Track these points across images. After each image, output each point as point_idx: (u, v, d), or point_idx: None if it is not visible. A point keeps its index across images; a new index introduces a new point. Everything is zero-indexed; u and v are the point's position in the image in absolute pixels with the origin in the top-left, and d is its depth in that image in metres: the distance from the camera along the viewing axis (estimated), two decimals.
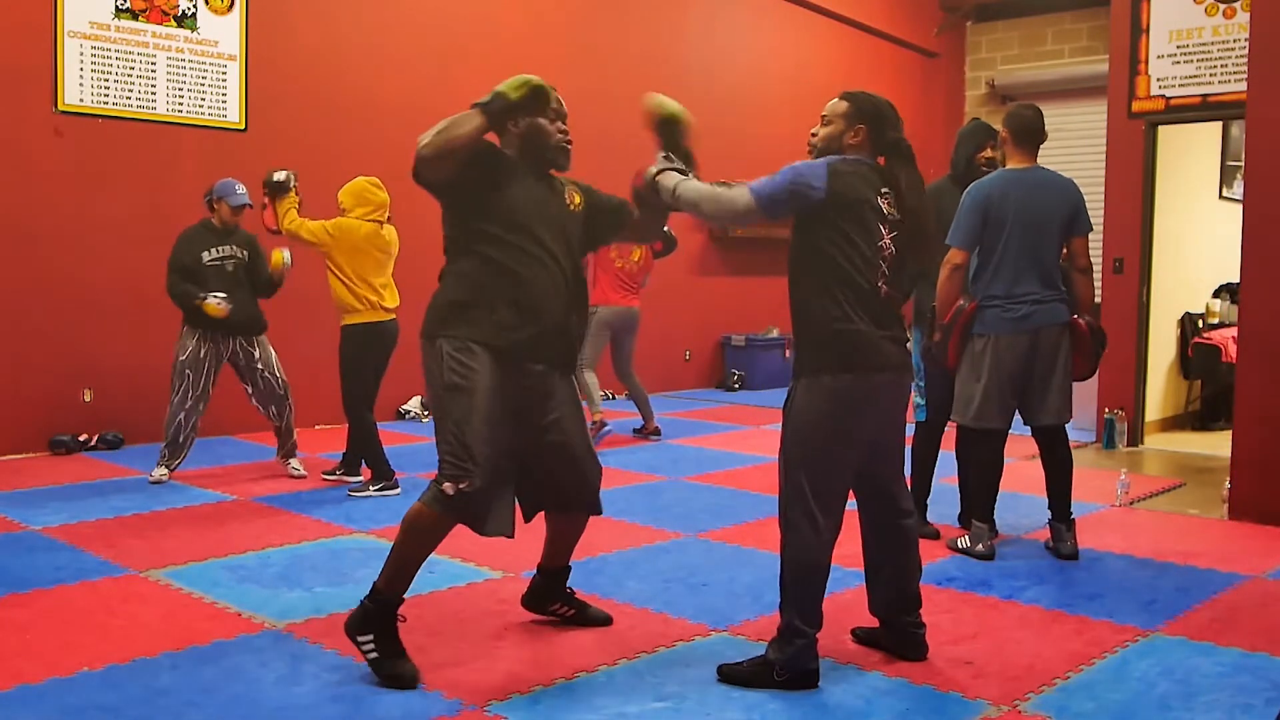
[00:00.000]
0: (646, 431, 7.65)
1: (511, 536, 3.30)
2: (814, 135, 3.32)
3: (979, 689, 3.11)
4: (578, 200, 3.49)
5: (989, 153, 4.83)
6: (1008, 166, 4.55)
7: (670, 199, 3.35)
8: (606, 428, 7.29)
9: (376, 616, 3.14)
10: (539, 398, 3.27)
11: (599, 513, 3.56)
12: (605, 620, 3.66)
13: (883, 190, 3.13)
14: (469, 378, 3.10)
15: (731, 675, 3.12)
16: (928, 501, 4.98)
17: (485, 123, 3.11)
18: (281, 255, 5.92)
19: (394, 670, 3.08)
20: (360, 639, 3.14)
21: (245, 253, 5.92)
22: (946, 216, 4.66)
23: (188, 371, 5.80)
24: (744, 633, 3.56)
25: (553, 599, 3.66)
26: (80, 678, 3.11)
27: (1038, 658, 3.37)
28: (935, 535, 4.84)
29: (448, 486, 3.08)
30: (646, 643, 3.45)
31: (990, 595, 4.01)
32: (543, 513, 3.55)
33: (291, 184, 5.65)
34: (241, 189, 5.93)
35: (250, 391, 5.99)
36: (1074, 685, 3.16)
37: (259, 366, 5.92)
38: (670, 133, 3.63)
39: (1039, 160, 4.54)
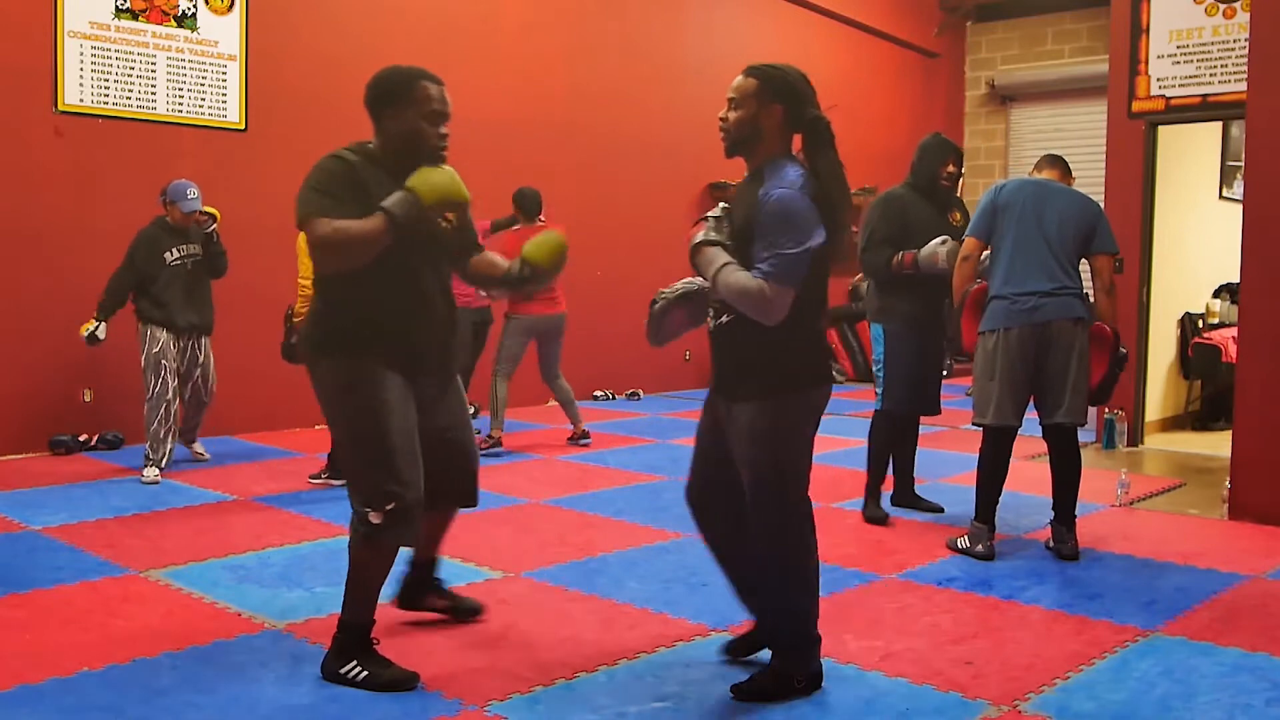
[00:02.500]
0: (575, 436, 7.29)
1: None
2: (724, 120, 3.02)
3: (979, 689, 3.11)
4: (450, 216, 3.31)
5: (951, 168, 5.06)
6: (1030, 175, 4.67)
7: (709, 282, 2.95)
8: (498, 446, 6.92)
9: (352, 645, 3.10)
10: (433, 400, 3.24)
11: (475, 504, 3.48)
12: (477, 609, 3.61)
13: None
14: (379, 396, 3.03)
15: (751, 692, 3.00)
16: (880, 489, 5.18)
17: (389, 234, 2.98)
18: (211, 211, 6.11)
19: (390, 677, 3.05)
20: (342, 670, 3.07)
21: (200, 249, 6.08)
22: (917, 228, 4.95)
23: (163, 362, 5.94)
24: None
25: (426, 591, 3.59)
26: (80, 678, 3.11)
27: (1038, 658, 3.37)
28: (883, 520, 5.06)
29: (373, 516, 3.01)
30: (646, 643, 3.45)
31: (990, 595, 4.01)
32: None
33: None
34: (194, 193, 6.06)
35: (184, 391, 6.15)
36: (1074, 685, 3.16)
37: (197, 371, 6.13)
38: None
39: None
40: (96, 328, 5.95)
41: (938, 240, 4.82)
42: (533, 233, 6.68)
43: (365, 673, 3.05)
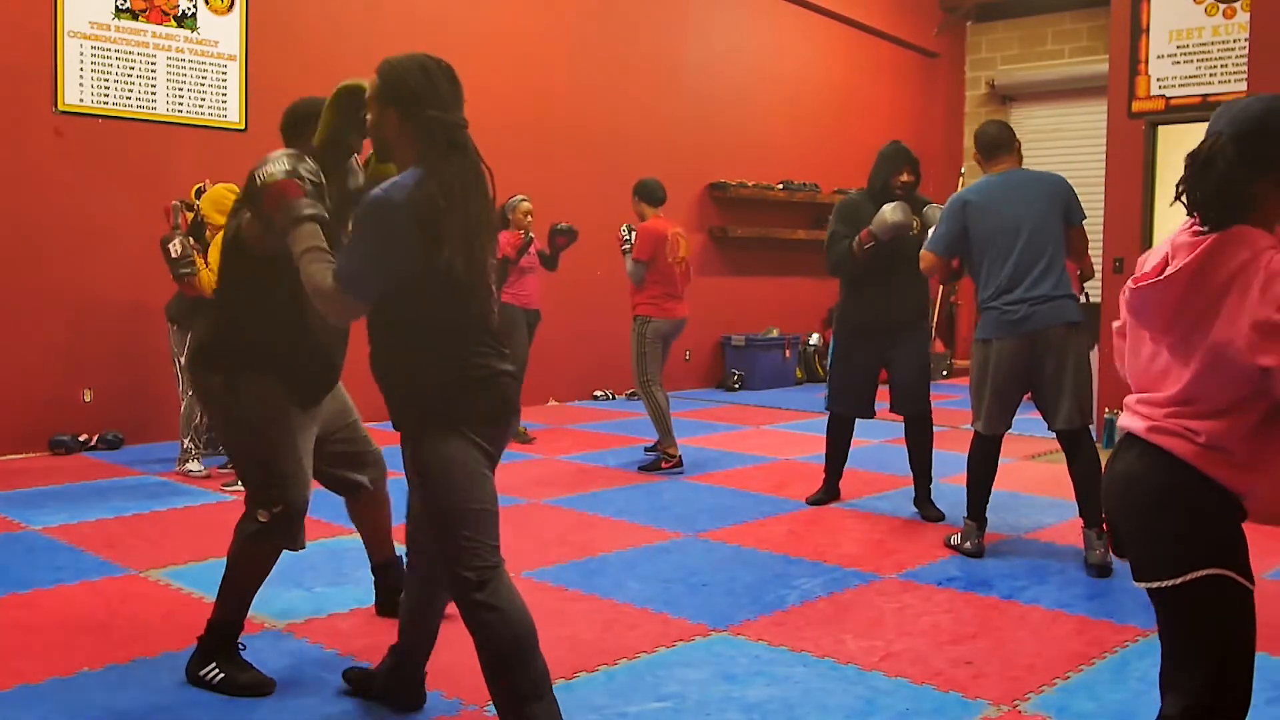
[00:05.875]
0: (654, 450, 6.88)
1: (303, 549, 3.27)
2: None
3: (979, 689, 3.11)
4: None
5: (905, 177, 5.16)
6: (987, 174, 4.57)
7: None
8: (679, 466, 6.44)
9: (215, 647, 3.08)
10: (328, 411, 3.28)
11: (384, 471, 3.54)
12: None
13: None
14: (263, 409, 3.05)
15: None
16: (833, 479, 5.54)
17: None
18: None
19: (245, 681, 3.03)
20: (202, 672, 3.05)
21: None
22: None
23: None
24: (744, 633, 3.56)
25: (397, 592, 3.51)
26: (80, 678, 3.11)
27: (1038, 658, 3.37)
28: (820, 503, 5.42)
29: (261, 514, 3.08)
30: (646, 643, 3.45)
31: (990, 595, 4.01)
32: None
33: (182, 261, 5.77)
34: None
35: None
36: (1074, 685, 3.16)
37: None
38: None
39: (1040, 164, 4.56)
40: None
41: (886, 208, 5.00)
42: (658, 225, 6.55)
43: (222, 675, 3.04)
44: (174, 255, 5.75)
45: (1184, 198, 2.01)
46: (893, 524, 5.11)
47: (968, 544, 4.51)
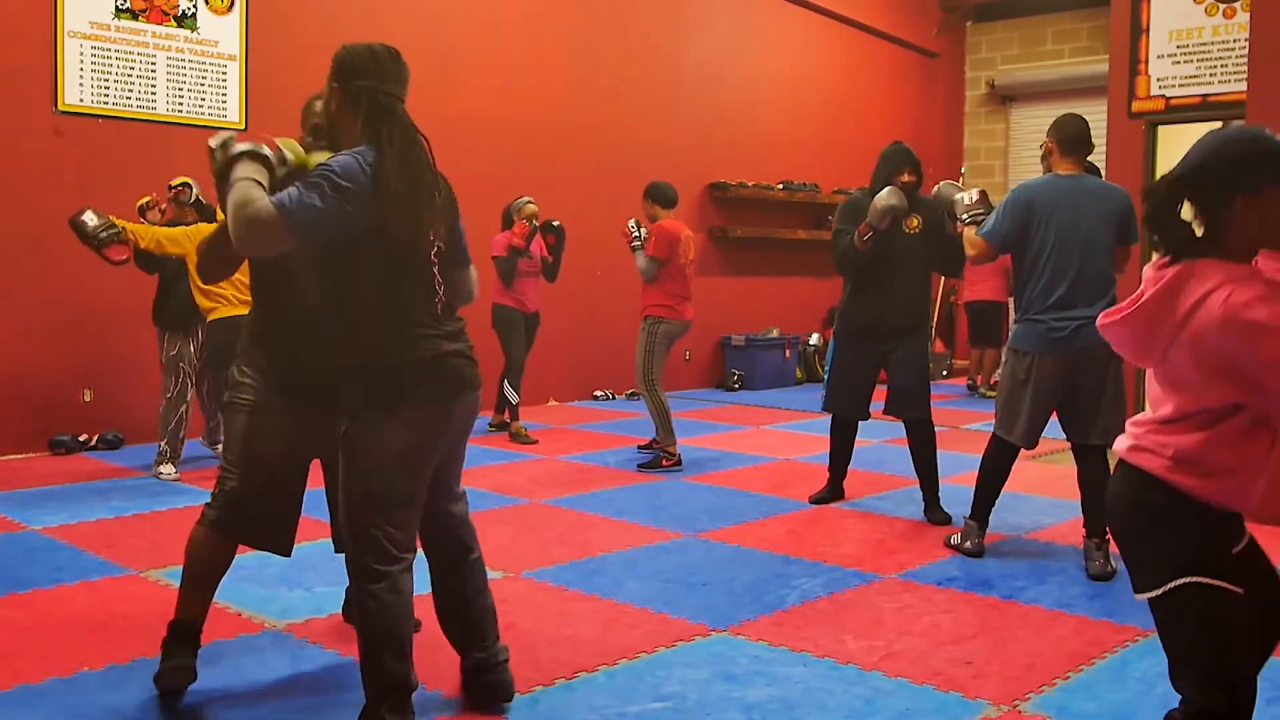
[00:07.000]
0: (648, 446, 7.01)
1: (288, 555, 3.16)
2: None
3: (979, 689, 3.11)
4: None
5: (906, 178, 5.11)
6: (1055, 172, 4.39)
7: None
8: (679, 465, 6.45)
9: (167, 641, 3.02)
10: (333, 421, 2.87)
11: None
12: None
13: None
14: (252, 401, 3.03)
15: None
16: (836, 479, 5.57)
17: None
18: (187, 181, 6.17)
19: (165, 667, 2.95)
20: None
21: None
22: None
23: (181, 365, 6.14)
24: (744, 633, 3.56)
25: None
26: (80, 678, 3.11)
27: (1038, 658, 3.37)
28: (823, 502, 5.44)
29: (213, 498, 3.03)
30: (646, 643, 3.45)
31: (990, 595, 4.01)
32: None
33: (102, 226, 5.54)
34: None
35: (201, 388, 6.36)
36: (1074, 685, 3.16)
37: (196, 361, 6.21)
38: None
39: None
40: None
41: (879, 195, 5.01)
42: (673, 225, 6.56)
43: (157, 670, 2.99)
44: (91, 226, 5.46)
45: (1151, 233, 2.12)
46: (893, 524, 5.11)
47: (968, 544, 4.52)
